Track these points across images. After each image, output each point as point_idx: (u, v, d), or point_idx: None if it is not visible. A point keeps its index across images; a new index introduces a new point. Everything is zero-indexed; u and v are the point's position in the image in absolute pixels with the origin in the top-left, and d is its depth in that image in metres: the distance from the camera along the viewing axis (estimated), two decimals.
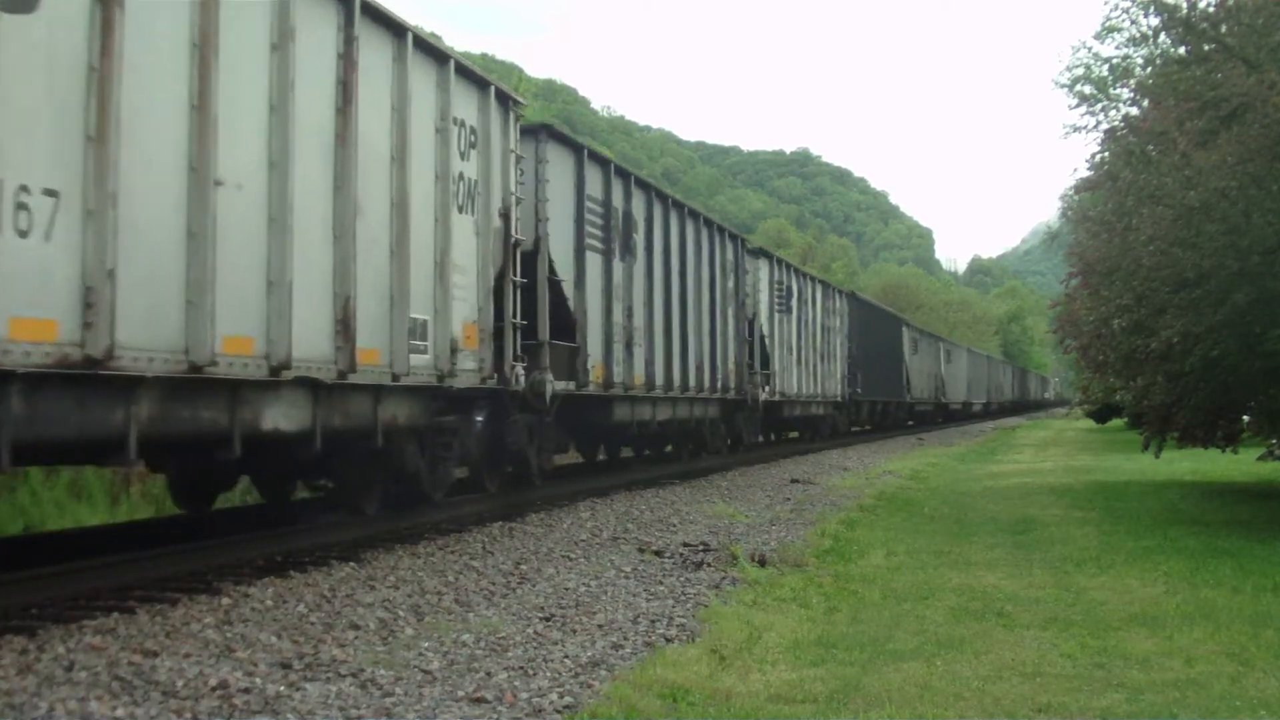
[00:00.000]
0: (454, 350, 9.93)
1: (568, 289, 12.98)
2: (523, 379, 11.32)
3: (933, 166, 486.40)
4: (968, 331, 79.88)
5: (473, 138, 10.52)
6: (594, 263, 13.67)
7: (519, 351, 11.28)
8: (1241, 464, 19.43)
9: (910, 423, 42.78)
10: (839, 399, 29.16)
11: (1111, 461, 23.84)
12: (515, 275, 11.28)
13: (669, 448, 18.89)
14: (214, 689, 4.97)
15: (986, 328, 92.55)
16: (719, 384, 18.94)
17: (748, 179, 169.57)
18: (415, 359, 9.25)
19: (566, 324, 12.86)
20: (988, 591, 8.11)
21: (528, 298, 11.71)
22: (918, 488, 17.60)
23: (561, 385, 12.35)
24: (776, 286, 23.25)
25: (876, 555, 9.94)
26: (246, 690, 4.98)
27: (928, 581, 8.54)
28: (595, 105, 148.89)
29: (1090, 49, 20.39)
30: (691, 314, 17.58)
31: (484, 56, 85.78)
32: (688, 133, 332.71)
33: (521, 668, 5.64)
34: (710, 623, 6.91)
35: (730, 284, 20.11)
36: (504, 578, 8.20)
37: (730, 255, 20.22)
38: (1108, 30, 16.87)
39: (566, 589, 7.86)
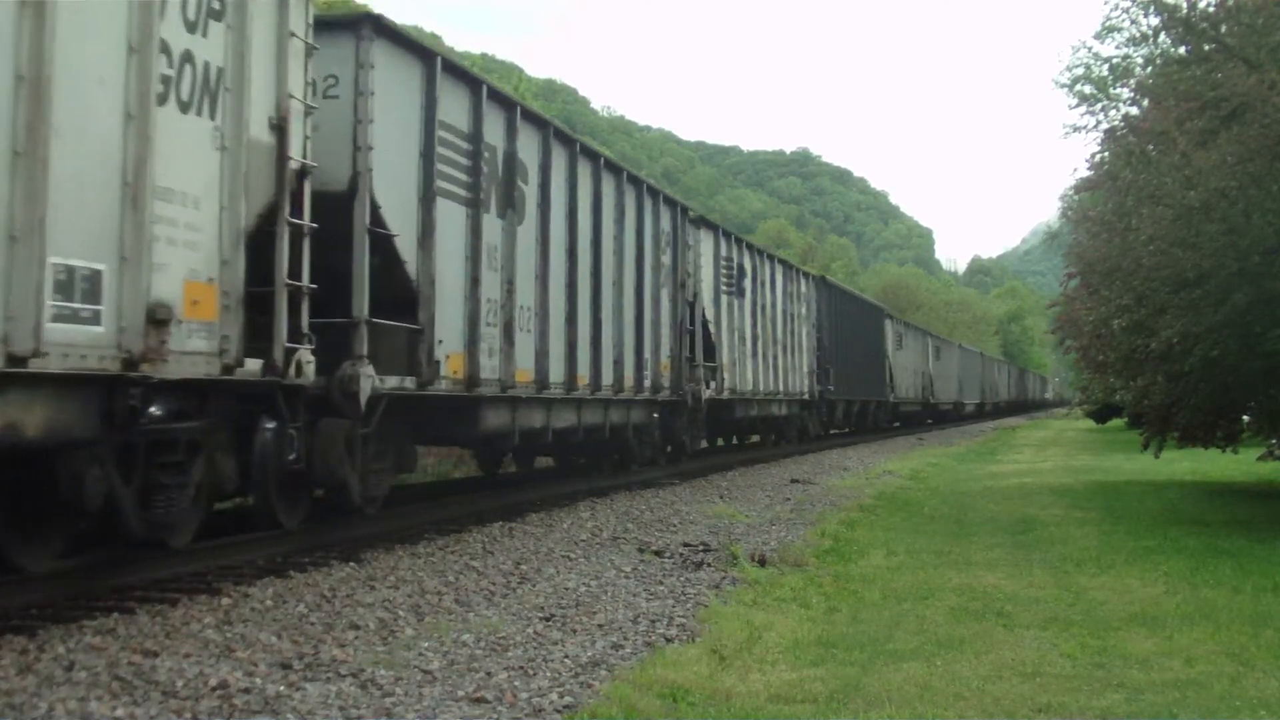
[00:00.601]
0: (158, 321, 6.45)
1: (404, 248, 9.44)
2: (308, 369, 7.96)
3: (933, 166, 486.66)
4: (968, 331, 79.78)
5: (213, 2, 7.08)
6: (452, 215, 10.24)
7: (304, 328, 7.94)
8: (1241, 464, 19.43)
9: (895, 424, 39.66)
10: (806, 397, 25.90)
11: (1111, 461, 23.84)
12: (301, 218, 7.93)
13: (586, 459, 15.96)
14: (214, 689, 4.97)
15: (986, 328, 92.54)
16: (647, 381, 15.59)
17: (748, 179, 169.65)
18: (67, 331, 5.81)
19: (402, 297, 9.51)
20: (988, 591, 8.11)
21: (331, 255, 8.41)
22: (918, 488, 17.59)
23: (393, 381, 9.24)
24: (724, 264, 19.92)
25: (876, 555, 9.94)
26: (246, 690, 4.98)
27: (928, 581, 8.54)
28: (595, 105, 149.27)
29: (1090, 49, 20.44)
30: (609, 293, 14.24)
31: (484, 56, 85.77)
32: (688, 133, 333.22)
33: (521, 668, 5.64)
34: (710, 623, 6.91)
35: (666, 259, 16.63)
36: (504, 578, 8.20)
37: (666, 224, 16.68)
38: (1108, 30, 16.89)
39: (566, 589, 7.86)
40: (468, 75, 10.75)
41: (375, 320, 8.93)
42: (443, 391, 10.10)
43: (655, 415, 16.56)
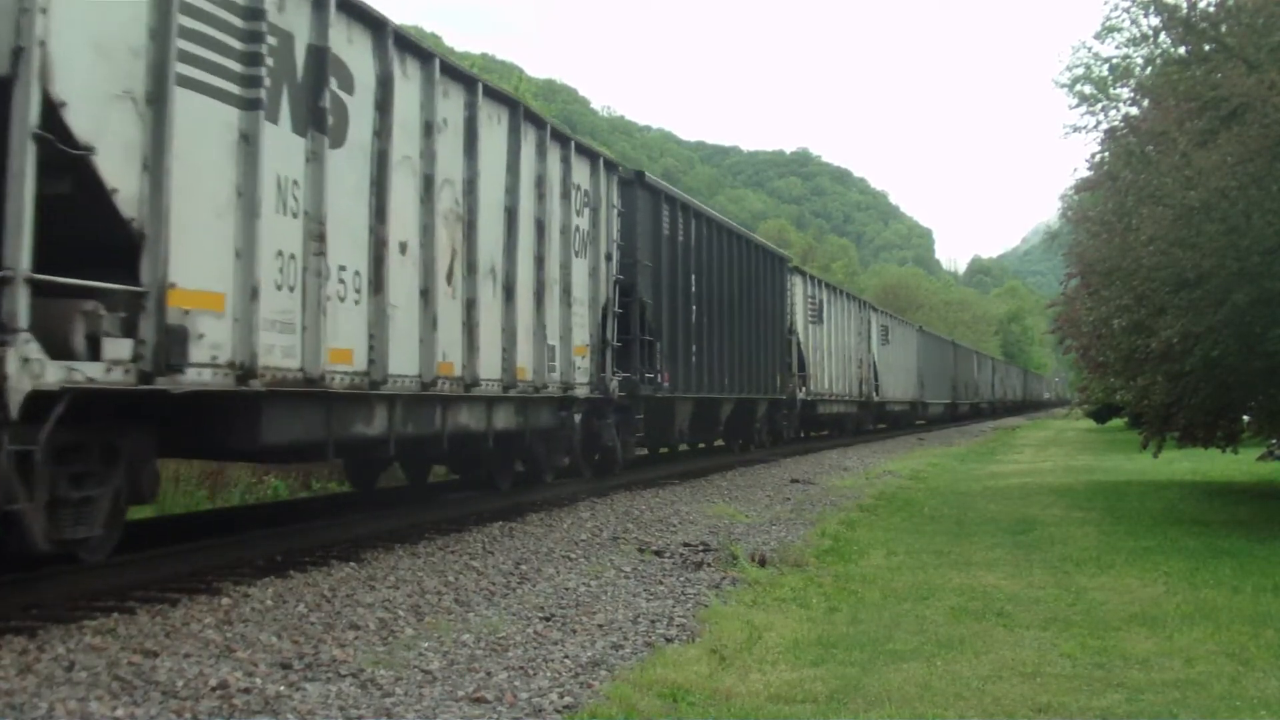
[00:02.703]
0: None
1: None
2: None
3: (933, 166, 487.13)
4: (968, 331, 79.66)
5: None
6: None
7: None
8: (1241, 464, 19.43)
9: (804, 434, 28.43)
10: (597, 389, 13.72)
11: (1111, 461, 23.84)
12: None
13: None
14: (214, 689, 4.97)
15: (986, 328, 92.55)
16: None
17: (748, 179, 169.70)
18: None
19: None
20: (988, 591, 8.11)
21: None
22: (918, 488, 17.59)
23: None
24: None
25: (876, 555, 9.94)
26: (246, 690, 4.98)
27: (928, 581, 8.54)
28: (595, 105, 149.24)
29: (1090, 49, 20.43)
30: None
31: (484, 56, 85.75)
32: (688, 133, 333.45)
33: (521, 668, 5.64)
34: (710, 623, 6.91)
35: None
36: (504, 578, 8.20)
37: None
38: (1108, 30, 16.88)
39: (566, 589, 7.86)
40: None
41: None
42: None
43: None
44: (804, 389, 25.23)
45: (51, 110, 5.86)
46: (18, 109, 5.71)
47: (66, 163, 6.00)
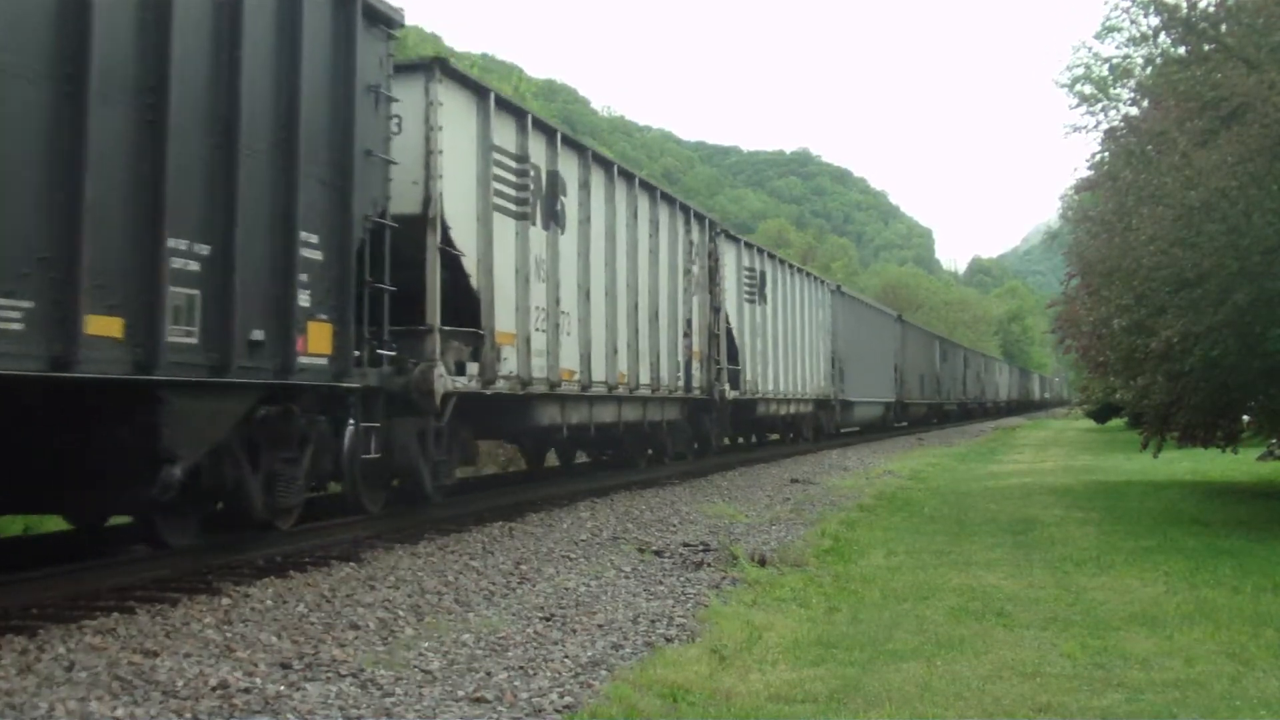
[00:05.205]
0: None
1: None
2: None
3: (933, 166, 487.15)
4: (968, 331, 79.60)
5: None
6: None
7: None
8: (1241, 464, 19.43)
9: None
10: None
11: (1111, 461, 23.83)
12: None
13: None
14: (214, 689, 4.97)
15: (986, 328, 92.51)
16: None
17: (748, 179, 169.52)
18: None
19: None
20: (988, 591, 8.10)
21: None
22: (918, 488, 17.59)
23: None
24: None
25: (876, 555, 9.93)
26: (246, 690, 4.98)
27: (928, 581, 8.54)
28: (595, 105, 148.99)
29: (1090, 49, 20.36)
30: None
31: (484, 56, 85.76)
32: (688, 133, 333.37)
33: (521, 668, 5.64)
34: (710, 623, 6.91)
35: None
36: (504, 578, 8.20)
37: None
38: (1108, 30, 16.84)
39: (566, 589, 7.86)
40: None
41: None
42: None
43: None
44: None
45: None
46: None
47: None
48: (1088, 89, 18.02)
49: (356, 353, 8.82)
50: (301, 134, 7.97)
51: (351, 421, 9.00)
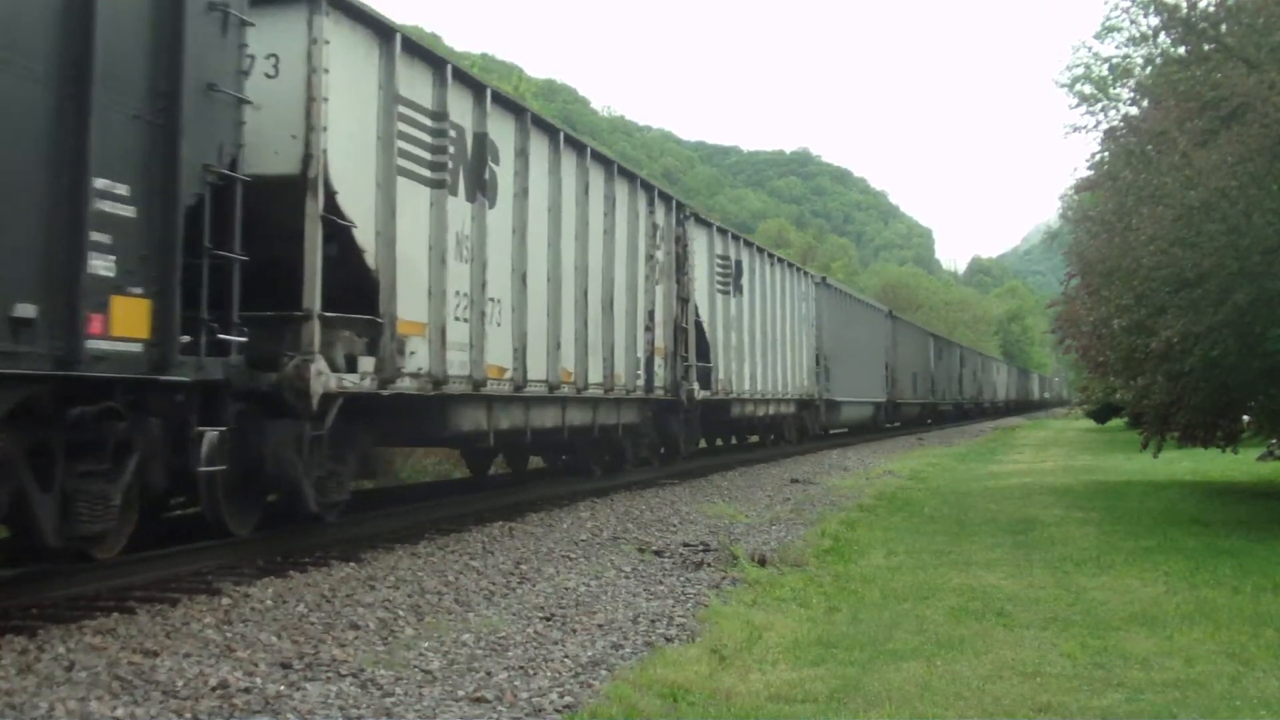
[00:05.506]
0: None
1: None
2: None
3: (933, 166, 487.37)
4: (968, 331, 79.54)
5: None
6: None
7: None
8: (1241, 464, 19.42)
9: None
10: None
11: (1111, 461, 23.83)
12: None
13: None
14: (214, 689, 4.97)
15: (986, 327, 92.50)
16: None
17: (748, 179, 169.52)
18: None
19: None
20: (988, 591, 8.10)
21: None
22: (918, 487, 17.59)
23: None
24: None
25: (876, 555, 9.93)
26: (246, 690, 4.98)
27: (928, 581, 8.54)
28: (595, 105, 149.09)
29: (1090, 49, 20.38)
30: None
31: (484, 56, 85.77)
32: (688, 133, 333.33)
33: (521, 667, 5.64)
34: (710, 622, 6.91)
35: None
36: (504, 577, 8.20)
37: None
38: (1108, 30, 16.84)
39: (566, 589, 7.86)
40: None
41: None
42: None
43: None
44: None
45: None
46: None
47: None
48: (1088, 89, 18.03)
49: (187, 338, 6.96)
50: (98, 50, 6.01)
51: (216, 427, 7.31)
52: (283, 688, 5.06)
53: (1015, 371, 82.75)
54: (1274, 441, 16.73)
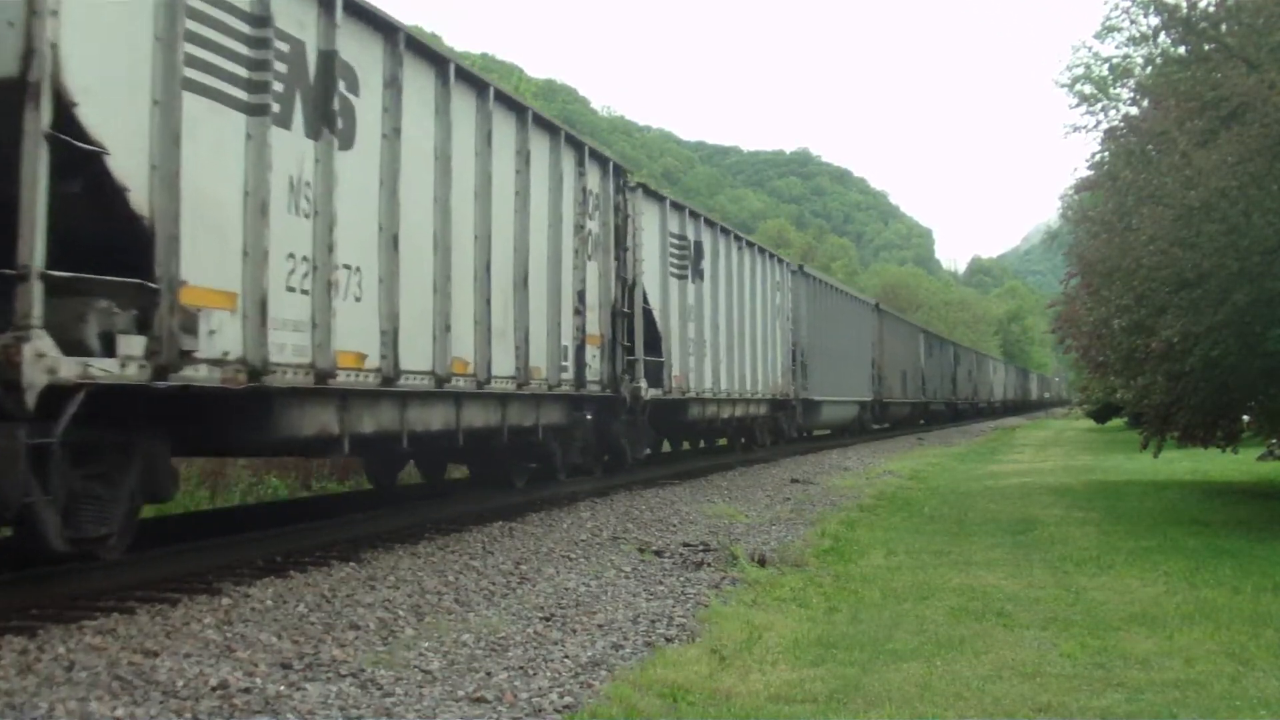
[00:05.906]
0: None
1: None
2: None
3: (933, 166, 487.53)
4: (968, 331, 79.55)
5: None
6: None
7: None
8: (1241, 464, 19.42)
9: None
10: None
11: (1111, 461, 23.83)
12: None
13: None
14: (214, 689, 4.97)
15: (986, 327, 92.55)
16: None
17: (748, 179, 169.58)
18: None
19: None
20: (988, 591, 8.11)
21: None
22: (918, 487, 17.59)
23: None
24: None
25: (876, 555, 9.94)
26: (247, 690, 4.98)
27: (928, 581, 8.54)
28: (595, 105, 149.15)
29: (1090, 49, 20.36)
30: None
31: (484, 56, 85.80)
32: (688, 133, 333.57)
33: (521, 668, 5.64)
34: (710, 623, 6.91)
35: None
36: (504, 578, 8.20)
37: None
38: (1108, 30, 16.83)
39: (566, 589, 7.86)
40: None
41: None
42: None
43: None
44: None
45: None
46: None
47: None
48: (1088, 89, 18.03)
49: None
50: None
51: None
52: (283, 688, 5.06)
53: (1013, 371, 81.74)
54: (1274, 441, 16.73)
